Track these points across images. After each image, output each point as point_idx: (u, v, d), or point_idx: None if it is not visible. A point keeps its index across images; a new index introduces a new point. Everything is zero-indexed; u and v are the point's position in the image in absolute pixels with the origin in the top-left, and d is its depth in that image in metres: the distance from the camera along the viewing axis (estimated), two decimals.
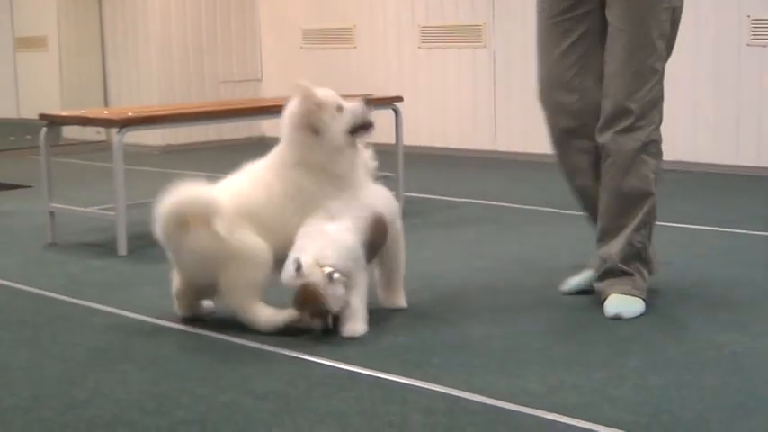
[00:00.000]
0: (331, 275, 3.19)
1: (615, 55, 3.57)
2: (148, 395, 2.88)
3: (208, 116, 5.55)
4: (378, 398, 2.80)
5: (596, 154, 3.65)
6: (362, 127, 3.45)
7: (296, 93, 3.42)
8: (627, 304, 3.53)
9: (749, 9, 6.69)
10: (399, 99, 5.98)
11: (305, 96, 3.39)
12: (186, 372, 3.09)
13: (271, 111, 3.53)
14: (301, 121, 3.41)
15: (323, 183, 3.43)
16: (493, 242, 4.92)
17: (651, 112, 3.57)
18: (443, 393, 2.82)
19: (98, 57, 9.47)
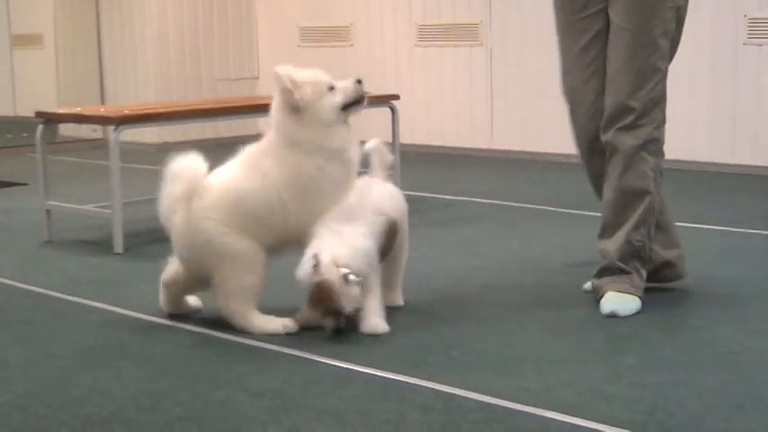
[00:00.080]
0: (347, 277, 3.19)
1: (618, 53, 3.58)
2: (145, 392, 2.87)
3: (204, 114, 5.55)
4: (374, 396, 2.80)
5: None
6: (355, 103, 3.50)
7: (274, 78, 3.49)
8: (623, 302, 3.53)
9: (746, 8, 6.69)
10: (396, 97, 5.98)
11: (277, 78, 3.45)
12: (182, 369, 3.09)
13: (267, 108, 3.54)
14: (279, 103, 3.46)
15: (320, 161, 3.43)
16: (490, 240, 4.92)
17: (653, 111, 3.57)
18: (440, 391, 2.82)
19: (95, 54, 9.46)
